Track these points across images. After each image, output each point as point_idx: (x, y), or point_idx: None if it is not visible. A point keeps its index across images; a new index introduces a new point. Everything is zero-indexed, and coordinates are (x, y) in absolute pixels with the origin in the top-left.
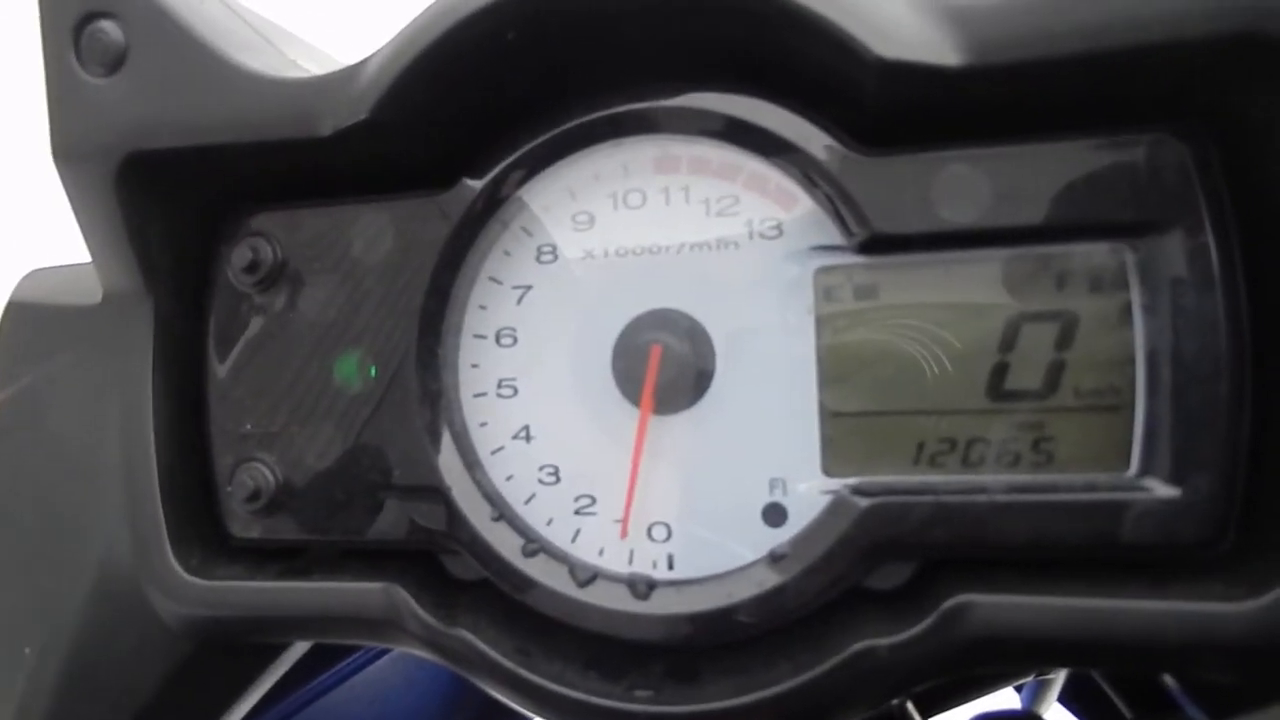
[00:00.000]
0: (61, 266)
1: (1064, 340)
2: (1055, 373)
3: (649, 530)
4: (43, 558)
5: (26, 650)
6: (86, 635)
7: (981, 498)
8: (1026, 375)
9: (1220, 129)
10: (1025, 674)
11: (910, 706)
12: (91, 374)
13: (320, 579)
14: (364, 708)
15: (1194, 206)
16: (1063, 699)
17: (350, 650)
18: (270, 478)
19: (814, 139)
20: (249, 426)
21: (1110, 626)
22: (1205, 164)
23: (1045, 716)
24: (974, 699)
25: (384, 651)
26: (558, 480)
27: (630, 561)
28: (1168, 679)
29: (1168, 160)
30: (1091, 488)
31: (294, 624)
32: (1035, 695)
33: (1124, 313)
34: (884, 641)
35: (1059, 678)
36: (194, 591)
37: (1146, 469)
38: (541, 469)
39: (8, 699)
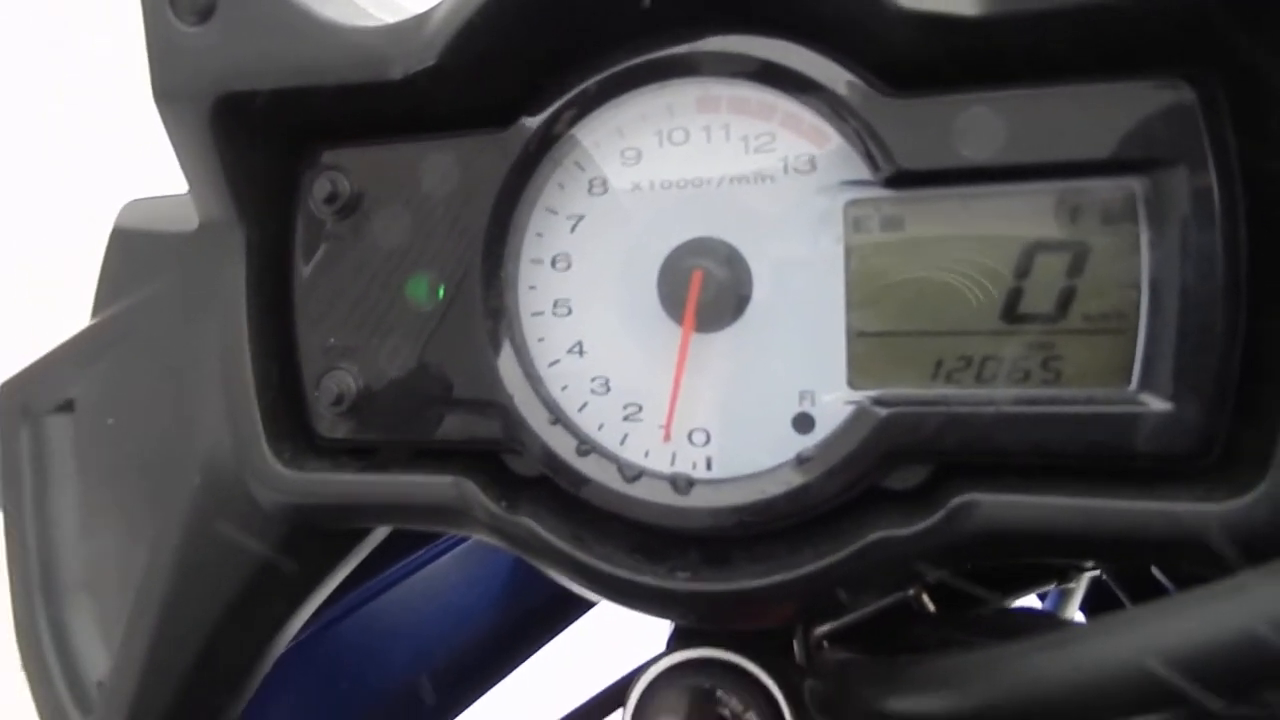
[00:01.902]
0: (158, 197)
1: (1075, 268)
2: (1066, 298)
3: (689, 435)
4: (157, 456)
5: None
6: (196, 523)
7: (990, 409)
8: (1039, 300)
9: (1228, 75)
10: (1045, 581)
11: (925, 598)
12: (191, 293)
13: (397, 473)
14: (426, 601)
15: (1199, 148)
16: (1083, 608)
17: (415, 548)
18: (352, 384)
19: (844, 81)
20: (332, 340)
21: (1101, 523)
22: (1213, 108)
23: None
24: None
25: (445, 550)
26: (608, 390)
27: (673, 463)
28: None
29: (1176, 104)
30: (1093, 401)
31: (375, 511)
32: (1058, 604)
33: (1132, 244)
34: (898, 533)
35: (1080, 587)
36: (287, 483)
37: (1145, 385)
38: (593, 380)
39: (131, 581)
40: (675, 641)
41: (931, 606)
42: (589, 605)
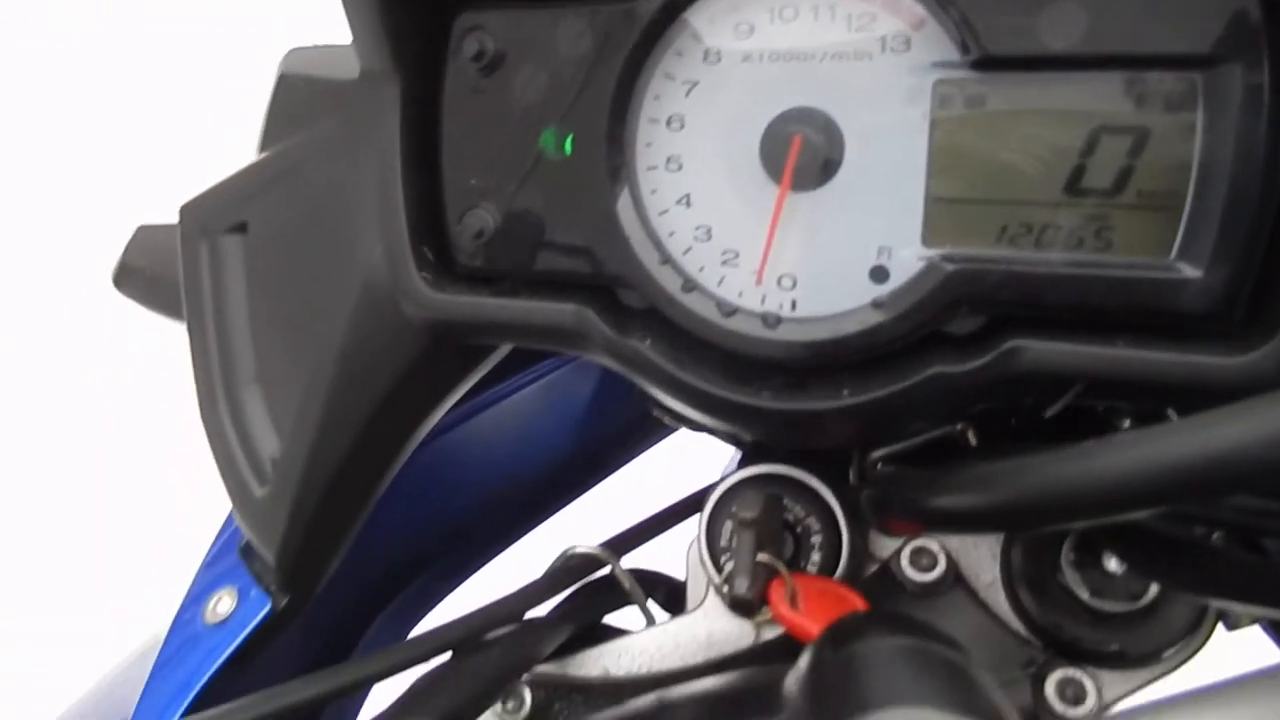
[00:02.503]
0: (318, 47)
1: (1135, 149)
2: (1124, 176)
3: (778, 280)
4: (320, 274)
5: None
6: (354, 331)
7: (1045, 269)
8: (1099, 176)
9: None
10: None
11: (970, 433)
12: (352, 134)
13: (525, 299)
14: (513, 423)
15: (1256, 49)
16: None
17: (507, 376)
18: (490, 221)
19: None
20: (473, 181)
21: (1129, 369)
22: (1273, 14)
23: None
24: None
25: (531, 381)
26: (710, 238)
27: (762, 302)
28: None
29: (1240, 7)
30: (1135, 267)
31: (506, 330)
32: None
33: (1188, 130)
34: (953, 369)
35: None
36: (432, 301)
37: (1183, 255)
38: (697, 228)
39: (297, 377)
40: (744, 461)
41: (974, 440)
42: (657, 438)
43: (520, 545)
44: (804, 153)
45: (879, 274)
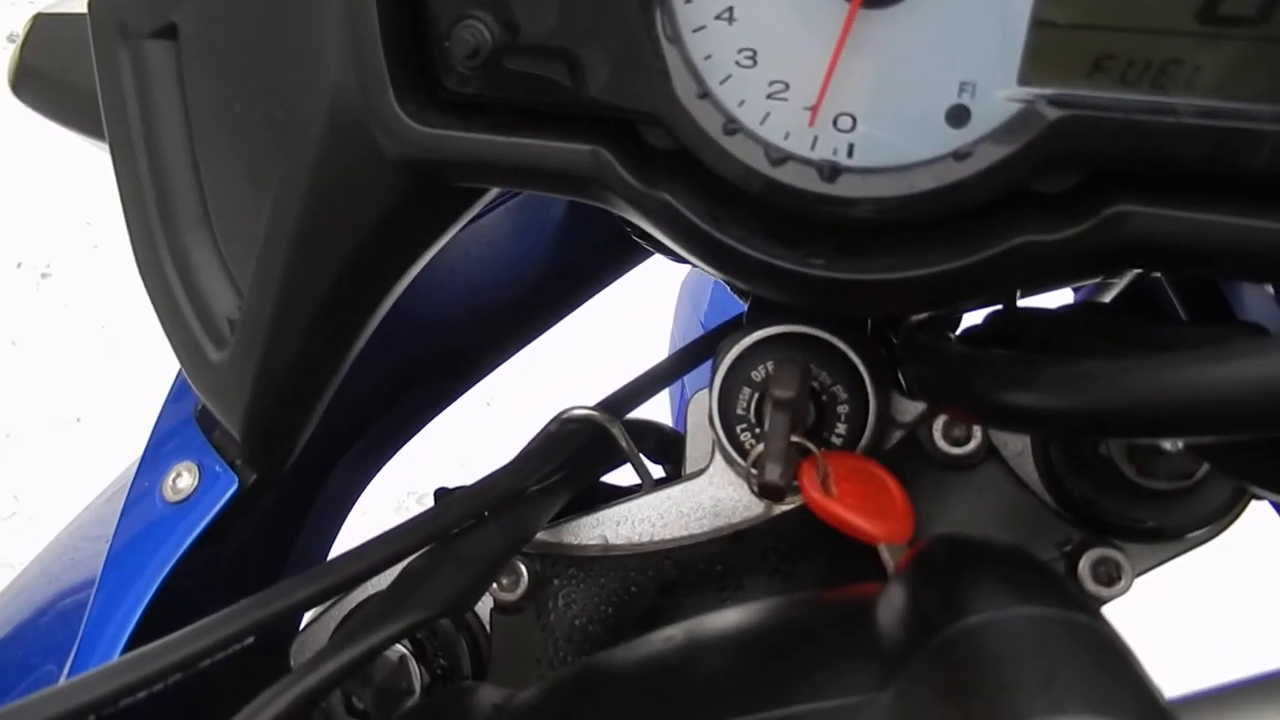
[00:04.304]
0: None
1: None
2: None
3: (834, 120)
4: (275, 97)
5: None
6: (319, 173)
7: (1170, 119)
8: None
9: None
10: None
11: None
12: None
13: (529, 137)
14: (477, 249)
15: None
16: (1116, 301)
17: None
18: (487, 36)
19: None
20: None
21: (1249, 242)
22: None
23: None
24: None
25: (496, 205)
26: (755, 64)
27: (813, 147)
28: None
29: None
30: (1274, 118)
31: (505, 173)
32: (1092, 295)
33: None
34: (1043, 238)
35: (1121, 281)
36: (414, 135)
37: None
38: (740, 51)
39: (253, 219)
40: (754, 313)
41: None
42: (634, 261)
43: None
44: None
45: (957, 115)
